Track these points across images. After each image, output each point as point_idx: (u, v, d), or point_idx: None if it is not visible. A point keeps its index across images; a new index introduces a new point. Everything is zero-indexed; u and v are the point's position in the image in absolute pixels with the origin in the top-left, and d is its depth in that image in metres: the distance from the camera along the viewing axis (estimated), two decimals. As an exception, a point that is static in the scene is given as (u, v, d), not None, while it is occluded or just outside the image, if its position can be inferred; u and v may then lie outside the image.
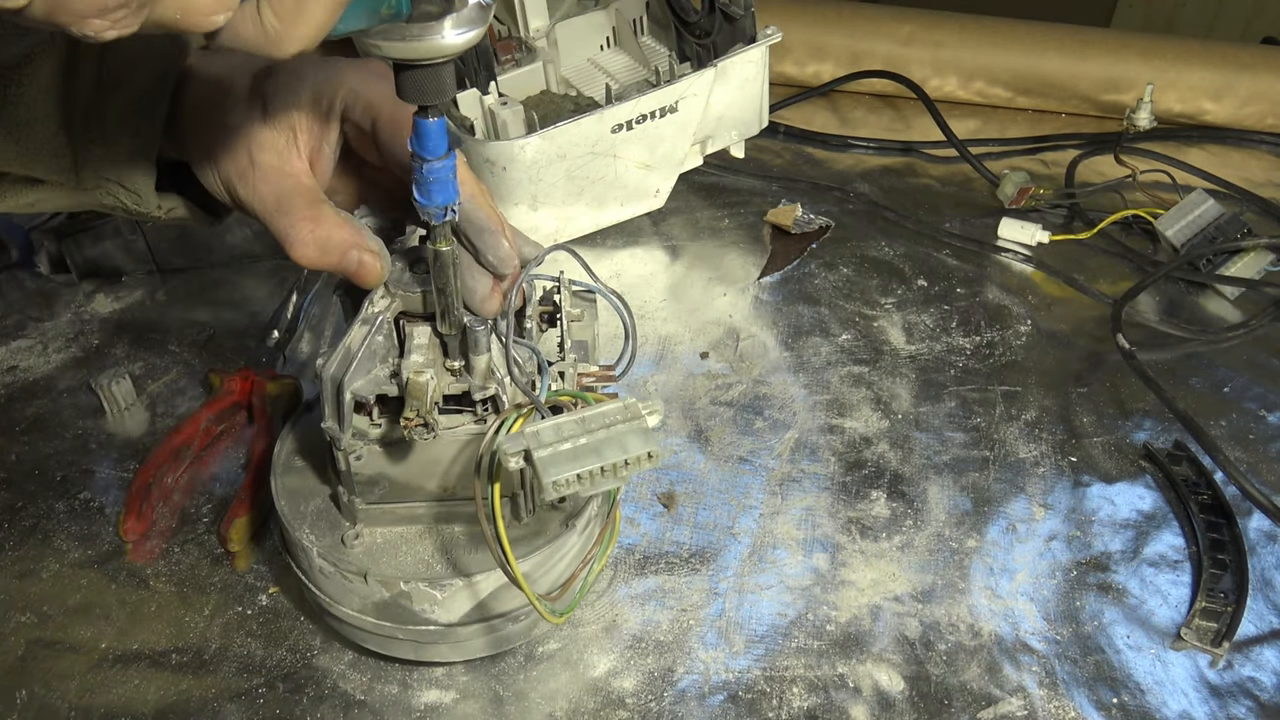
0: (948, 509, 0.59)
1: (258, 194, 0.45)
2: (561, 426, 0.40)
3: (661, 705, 0.50)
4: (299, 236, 0.44)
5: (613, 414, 0.41)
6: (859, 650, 0.52)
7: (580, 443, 0.40)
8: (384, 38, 0.34)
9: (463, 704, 0.50)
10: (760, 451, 0.63)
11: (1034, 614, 0.54)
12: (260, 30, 0.31)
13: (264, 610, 0.54)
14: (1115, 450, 0.63)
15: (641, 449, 0.40)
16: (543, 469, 0.39)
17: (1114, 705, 0.50)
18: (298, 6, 0.31)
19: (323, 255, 0.44)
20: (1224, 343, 0.71)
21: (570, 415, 0.41)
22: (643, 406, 0.41)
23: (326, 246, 0.44)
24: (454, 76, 0.37)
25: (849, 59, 0.96)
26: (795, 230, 0.79)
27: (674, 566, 0.56)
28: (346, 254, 0.44)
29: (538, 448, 0.40)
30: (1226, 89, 0.91)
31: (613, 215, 0.77)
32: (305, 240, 0.44)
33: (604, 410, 0.41)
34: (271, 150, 0.45)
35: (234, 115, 0.45)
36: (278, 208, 0.45)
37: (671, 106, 0.72)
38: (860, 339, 0.71)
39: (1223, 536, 0.57)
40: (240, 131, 0.45)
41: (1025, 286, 0.76)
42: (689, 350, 0.70)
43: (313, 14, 0.31)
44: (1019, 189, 0.81)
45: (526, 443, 0.40)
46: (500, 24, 0.82)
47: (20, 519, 0.58)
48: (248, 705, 0.50)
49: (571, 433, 0.40)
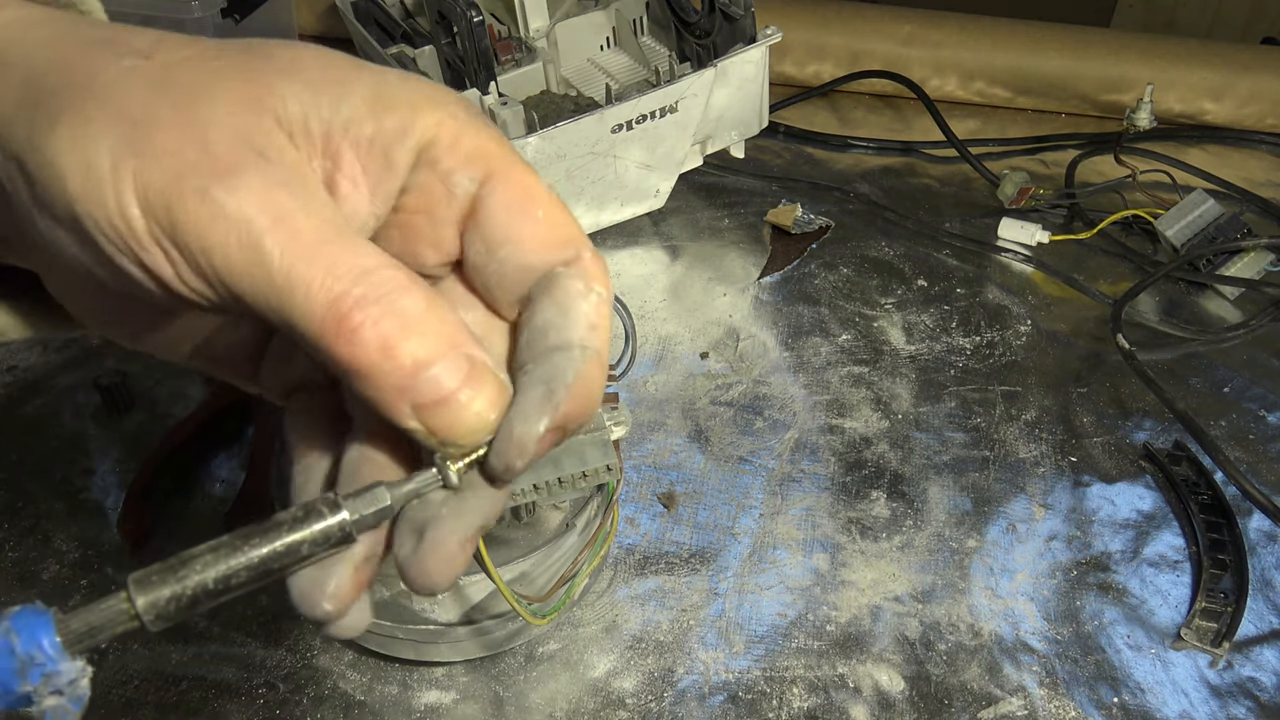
0: (948, 509, 0.59)
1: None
2: None
3: (661, 706, 0.50)
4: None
5: None
6: (859, 650, 0.52)
7: None
8: None
9: (463, 704, 0.50)
10: (760, 451, 0.63)
11: (1034, 614, 0.54)
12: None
13: (264, 610, 0.54)
14: (1115, 450, 0.63)
15: (600, 461, 0.40)
16: None
17: (1114, 705, 0.50)
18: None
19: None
20: (1224, 343, 0.71)
21: None
22: (608, 418, 0.40)
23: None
24: None
25: (849, 59, 0.95)
26: (795, 230, 0.79)
27: (674, 567, 0.56)
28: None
29: None
30: (1226, 89, 0.91)
31: (613, 215, 0.77)
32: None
33: None
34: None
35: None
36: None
37: (671, 106, 0.72)
38: (860, 339, 0.71)
39: (1223, 536, 0.57)
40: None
41: (1025, 286, 0.76)
42: (689, 350, 0.70)
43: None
44: (1019, 189, 0.81)
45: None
46: (500, 24, 0.82)
47: (20, 519, 0.58)
48: (248, 705, 0.50)
49: None
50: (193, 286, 0.25)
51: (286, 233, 0.24)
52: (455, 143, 0.27)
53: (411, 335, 0.24)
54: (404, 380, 0.24)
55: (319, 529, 0.25)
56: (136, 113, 0.25)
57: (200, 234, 0.24)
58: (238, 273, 0.24)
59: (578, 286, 0.27)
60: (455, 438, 0.25)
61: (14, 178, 0.26)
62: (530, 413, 0.26)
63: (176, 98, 0.25)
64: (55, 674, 0.23)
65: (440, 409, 0.25)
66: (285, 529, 0.25)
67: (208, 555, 0.25)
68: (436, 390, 0.25)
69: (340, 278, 0.24)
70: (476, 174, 0.27)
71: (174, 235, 0.24)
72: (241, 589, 0.25)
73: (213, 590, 0.25)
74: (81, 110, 0.25)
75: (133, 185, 0.24)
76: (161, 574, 0.24)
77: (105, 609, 0.24)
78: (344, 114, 0.26)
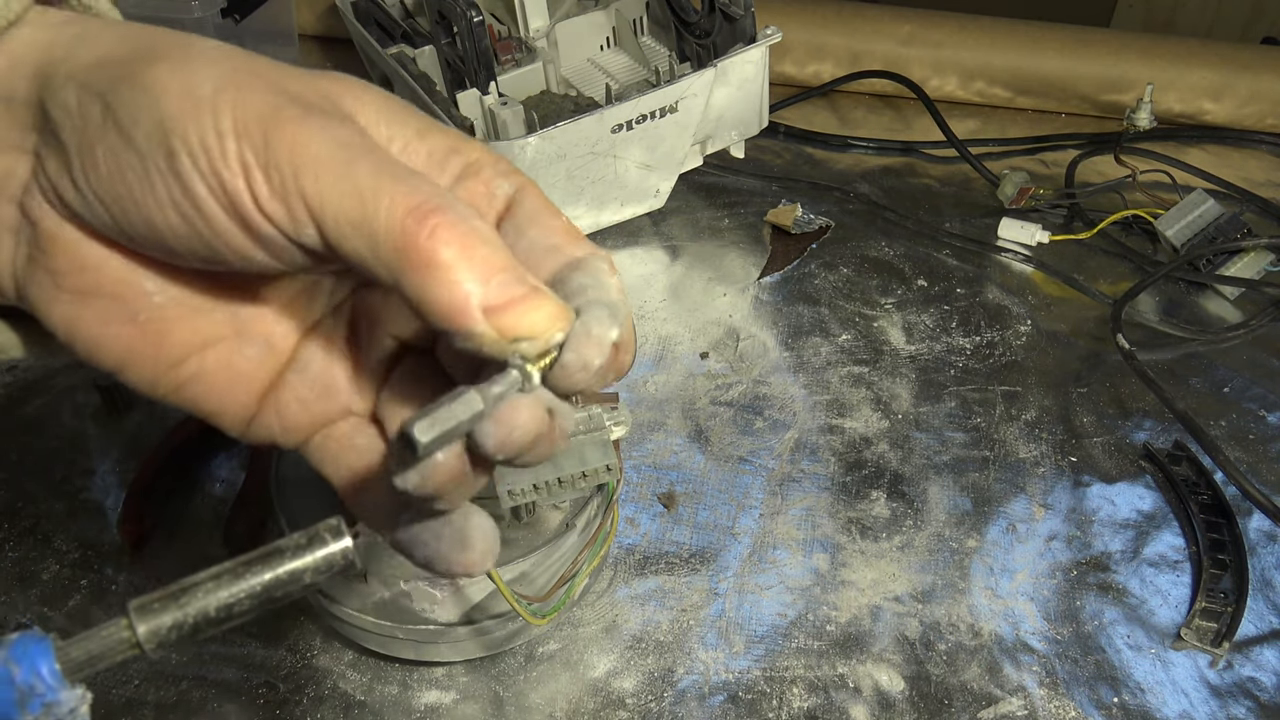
0: (948, 509, 0.59)
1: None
2: None
3: (661, 706, 0.50)
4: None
5: (576, 424, 0.40)
6: (859, 650, 0.52)
7: None
8: None
9: (463, 705, 0.50)
10: (760, 451, 0.63)
11: (1034, 614, 0.54)
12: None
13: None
14: (1115, 450, 0.63)
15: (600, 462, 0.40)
16: (498, 477, 0.39)
17: (1114, 705, 0.50)
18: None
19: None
20: (1224, 343, 0.71)
21: None
22: (608, 417, 0.40)
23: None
24: None
25: (849, 59, 0.96)
26: (795, 230, 0.79)
27: (674, 566, 0.56)
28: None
29: None
30: (1226, 89, 0.91)
31: (613, 215, 0.77)
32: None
33: None
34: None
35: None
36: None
37: (671, 106, 0.72)
38: (860, 339, 0.71)
39: (1223, 536, 0.57)
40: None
41: (1025, 286, 0.76)
42: (689, 350, 0.70)
43: None
44: (1019, 189, 0.81)
45: None
46: (500, 24, 0.82)
47: (20, 519, 0.58)
48: (248, 705, 0.50)
49: None
50: (268, 211, 0.26)
51: (374, 159, 0.26)
52: (495, 163, 0.30)
53: (485, 244, 0.26)
54: (480, 277, 0.25)
55: (322, 556, 0.25)
56: (238, 63, 0.27)
57: (293, 153, 0.26)
58: (325, 189, 0.26)
59: (603, 266, 0.29)
60: (530, 333, 0.26)
61: (85, 115, 0.27)
62: (603, 319, 0.27)
63: (268, 69, 0.28)
64: (56, 703, 0.22)
65: (512, 309, 0.26)
66: (288, 556, 0.25)
67: (209, 583, 0.25)
68: (508, 292, 0.26)
69: (422, 191, 0.26)
70: (513, 185, 0.30)
71: (266, 155, 0.26)
72: (244, 616, 0.25)
73: (214, 618, 0.25)
74: (184, 54, 0.27)
75: (231, 110, 0.26)
76: (163, 601, 0.24)
77: (106, 636, 0.24)
78: (404, 132, 0.29)
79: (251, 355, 0.31)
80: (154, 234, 0.27)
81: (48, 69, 0.28)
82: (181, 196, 0.26)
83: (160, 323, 0.30)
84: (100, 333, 0.30)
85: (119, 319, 0.30)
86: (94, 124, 0.27)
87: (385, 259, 0.26)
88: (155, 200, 0.27)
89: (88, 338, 0.30)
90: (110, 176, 0.27)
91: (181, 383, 0.31)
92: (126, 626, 0.24)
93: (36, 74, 0.28)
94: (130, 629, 0.24)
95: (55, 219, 0.29)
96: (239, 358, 0.31)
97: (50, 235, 0.29)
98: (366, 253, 0.26)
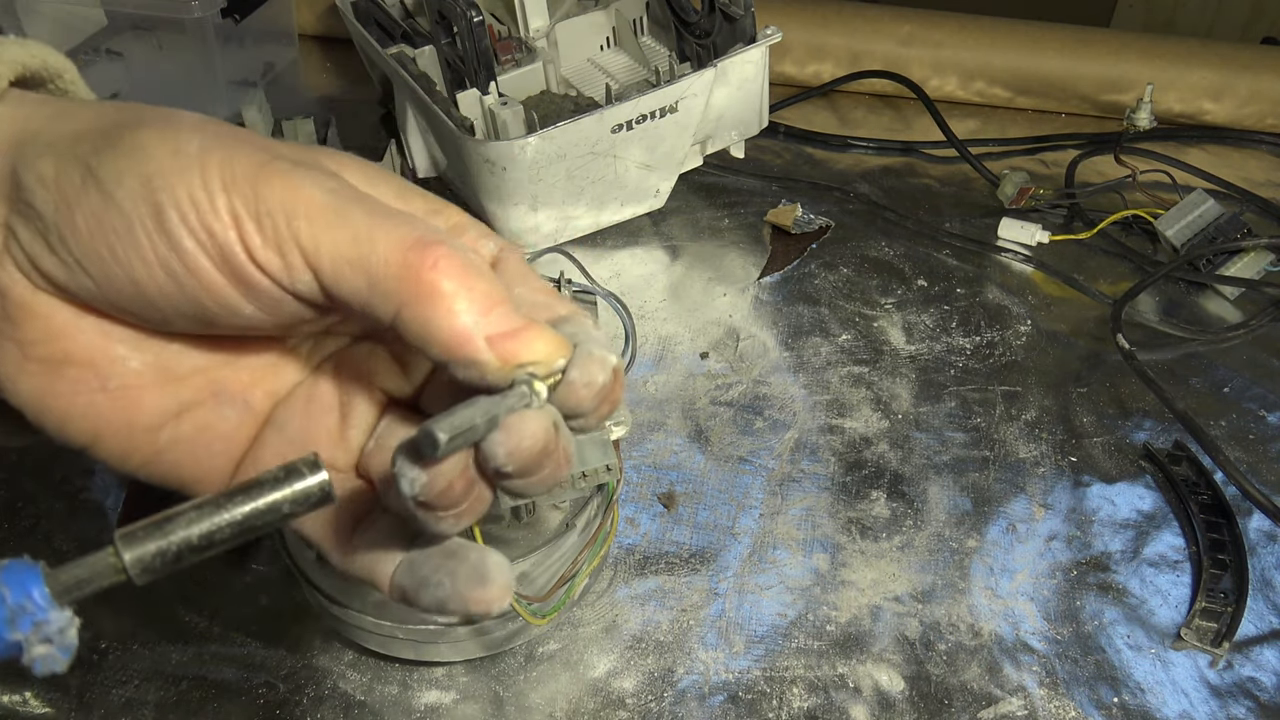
0: (948, 509, 0.59)
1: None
2: None
3: (661, 706, 0.50)
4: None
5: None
6: (859, 650, 0.52)
7: None
8: None
9: (463, 705, 0.50)
10: (760, 451, 0.63)
11: (1034, 614, 0.54)
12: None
13: (264, 610, 0.54)
14: (1115, 450, 0.63)
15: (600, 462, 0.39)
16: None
17: (1114, 705, 0.50)
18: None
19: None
20: (1224, 343, 0.71)
21: None
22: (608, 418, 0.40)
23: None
24: None
25: (849, 59, 0.96)
26: (795, 230, 0.79)
27: (674, 566, 0.56)
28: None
29: None
30: (1226, 89, 0.91)
31: (613, 215, 0.77)
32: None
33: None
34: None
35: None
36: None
37: (671, 106, 0.72)
38: (860, 339, 0.71)
39: (1223, 536, 0.57)
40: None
41: (1025, 286, 0.76)
42: (689, 350, 0.70)
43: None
44: (1019, 189, 0.81)
45: None
46: (500, 24, 0.82)
47: (20, 519, 0.58)
48: (248, 705, 0.50)
49: None
50: (262, 261, 0.26)
51: (367, 204, 0.27)
52: (476, 225, 0.31)
53: (485, 279, 0.26)
54: (482, 309, 0.26)
55: (299, 489, 0.26)
56: (222, 129, 0.27)
57: (284, 201, 0.26)
58: (319, 233, 0.26)
59: (589, 321, 0.29)
60: (534, 358, 0.26)
61: (63, 181, 0.27)
62: (602, 344, 0.28)
63: (251, 136, 0.28)
64: (45, 623, 0.23)
65: (515, 337, 0.26)
66: (267, 488, 0.26)
67: (192, 513, 0.25)
68: (510, 323, 0.26)
69: (420, 228, 0.26)
70: (497, 246, 0.31)
71: (257, 205, 0.26)
72: (224, 545, 0.25)
73: (196, 546, 0.25)
74: (168, 120, 0.27)
75: (219, 166, 0.26)
76: (147, 530, 0.25)
77: (93, 563, 0.24)
78: (385, 193, 0.30)
79: (229, 416, 0.31)
80: (139, 296, 0.27)
81: (23, 141, 0.28)
82: (170, 253, 0.26)
83: (134, 390, 0.29)
84: (71, 404, 0.29)
85: (90, 388, 0.29)
86: (73, 188, 0.26)
87: (385, 293, 0.26)
88: (142, 260, 0.26)
89: (58, 410, 0.29)
90: (92, 239, 0.26)
91: (158, 450, 0.30)
92: (113, 554, 0.25)
93: (10, 147, 0.28)
94: (116, 556, 0.25)
95: (27, 287, 0.28)
96: (216, 420, 0.31)
97: (20, 304, 0.28)
98: (365, 290, 0.26)
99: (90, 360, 0.29)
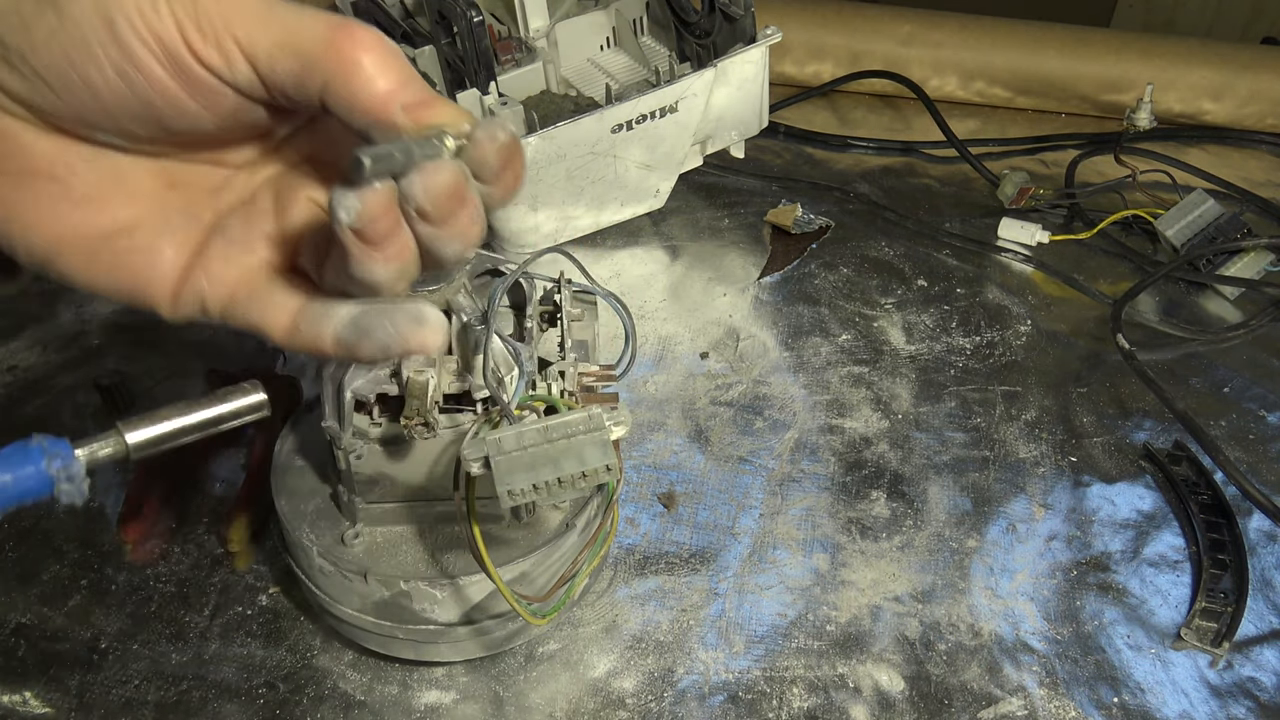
0: (948, 509, 0.59)
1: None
2: (524, 434, 0.39)
3: (661, 706, 0.50)
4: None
5: (575, 424, 0.40)
6: (859, 650, 0.52)
7: (539, 451, 0.39)
8: None
9: (463, 705, 0.50)
10: (760, 451, 0.63)
11: (1034, 614, 0.54)
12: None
13: (264, 610, 0.54)
14: (1115, 450, 0.63)
15: (600, 462, 0.39)
16: (499, 477, 0.39)
17: (1114, 705, 0.50)
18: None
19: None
20: (1224, 343, 0.71)
21: (534, 423, 0.40)
22: (608, 417, 0.40)
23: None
24: None
25: (849, 59, 0.96)
26: (795, 230, 0.79)
27: (674, 566, 0.56)
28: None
29: (497, 454, 0.39)
30: (1226, 89, 0.91)
31: (613, 215, 0.77)
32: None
33: (567, 420, 0.40)
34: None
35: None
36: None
37: (671, 106, 0.72)
38: (860, 339, 0.71)
39: (1223, 536, 0.57)
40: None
41: (1025, 286, 0.76)
42: (689, 350, 0.70)
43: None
44: (1019, 189, 0.81)
45: (487, 449, 0.39)
46: (500, 24, 0.82)
47: (20, 519, 0.58)
48: (248, 705, 0.50)
49: (533, 441, 0.39)
50: (204, 57, 0.30)
51: (293, 5, 0.31)
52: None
53: (398, 58, 0.31)
54: (398, 81, 0.30)
55: (246, 403, 0.34)
56: None
57: (223, 5, 0.30)
58: (254, 29, 0.30)
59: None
60: (442, 121, 0.31)
61: (19, 8, 0.30)
62: (502, 117, 0.33)
63: None
64: (69, 465, 0.31)
65: (427, 106, 0.31)
66: (221, 399, 0.34)
67: (170, 410, 0.34)
68: (422, 93, 0.31)
69: (338, 18, 0.30)
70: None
71: (196, 11, 0.30)
72: (193, 435, 0.34)
73: (172, 433, 0.34)
74: None
75: None
76: (141, 419, 0.33)
77: (104, 436, 0.33)
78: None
79: (180, 226, 0.35)
80: (96, 102, 0.31)
81: None
82: (122, 59, 0.30)
83: (95, 201, 0.33)
84: (36, 214, 0.33)
85: (54, 197, 0.33)
86: (30, 11, 0.30)
87: (313, 70, 0.30)
88: (97, 68, 0.30)
89: (23, 219, 0.33)
90: (50, 53, 0.30)
91: (116, 257, 0.34)
92: (117, 433, 0.33)
93: None
94: (119, 433, 0.33)
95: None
96: (168, 229, 0.34)
97: None
98: (298, 69, 0.30)
99: (52, 173, 0.33)
